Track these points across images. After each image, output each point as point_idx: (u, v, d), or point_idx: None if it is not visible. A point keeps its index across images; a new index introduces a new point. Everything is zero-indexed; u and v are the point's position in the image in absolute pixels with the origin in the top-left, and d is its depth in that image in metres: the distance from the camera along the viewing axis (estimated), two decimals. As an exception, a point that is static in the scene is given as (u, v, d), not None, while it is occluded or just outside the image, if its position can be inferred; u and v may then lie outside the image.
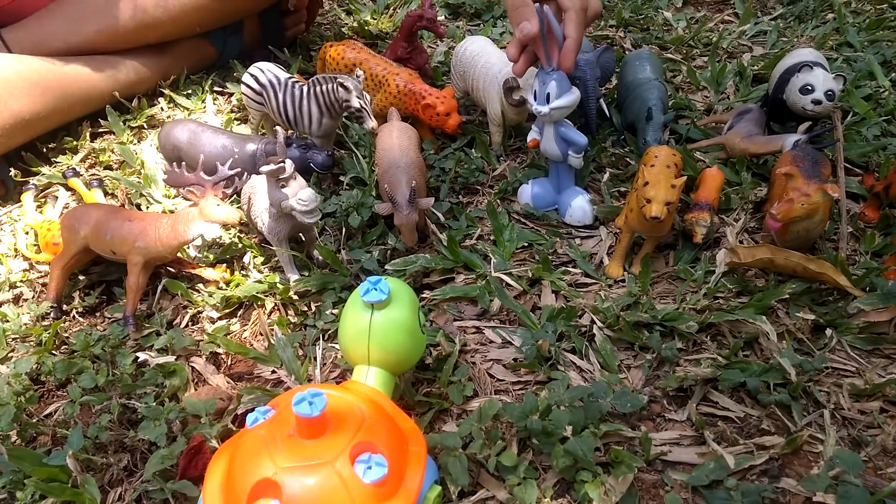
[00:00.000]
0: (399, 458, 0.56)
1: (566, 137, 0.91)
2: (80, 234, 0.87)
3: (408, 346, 0.67)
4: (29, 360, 0.81)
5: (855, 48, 1.40)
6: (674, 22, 1.55)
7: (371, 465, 0.54)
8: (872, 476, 0.67)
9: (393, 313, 0.66)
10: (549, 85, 0.86)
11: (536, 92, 0.88)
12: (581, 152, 0.92)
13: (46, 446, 0.75)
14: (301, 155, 0.98)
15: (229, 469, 0.55)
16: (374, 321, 0.65)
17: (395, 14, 1.63)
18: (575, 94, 0.88)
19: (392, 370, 0.68)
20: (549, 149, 0.93)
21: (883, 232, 0.94)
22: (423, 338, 0.70)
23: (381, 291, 0.64)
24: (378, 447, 0.55)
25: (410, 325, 0.67)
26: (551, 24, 0.82)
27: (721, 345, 0.81)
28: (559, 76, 0.86)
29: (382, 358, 0.66)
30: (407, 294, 0.68)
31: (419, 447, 0.59)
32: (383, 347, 0.65)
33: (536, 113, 0.89)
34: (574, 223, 0.97)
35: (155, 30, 1.27)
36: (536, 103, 0.88)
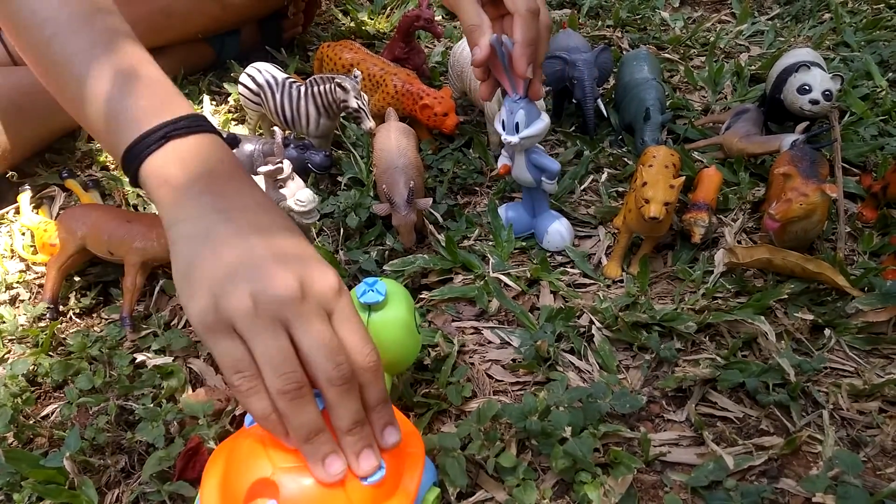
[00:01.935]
0: (397, 460, 0.56)
1: (538, 164, 0.89)
2: (77, 235, 0.87)
3: (405, 347, 0.67)
4: (26, 362, 0.81)
5: (852, 48, 1.41)
6: (671, 22, 1.56)
7: None
8: (872, 476, 0.67)
9: (390, 314, 0.66)
10: (518, 114, 0.83)
11: (504, 121, 0.85)
12: (554, 178, 0.90)
13: (43, 448, 0.74)
14: (299, 155, 0.98)
15: (227, 469, 0.55)
16: (371, 322, 0.65)
17: (392, 14, 1.63)
18: (545, 122, 0.85)
19: (389, 370, 0.67)
20: (521, 176, 0.91)
21: (881, 232, 0.94)
22: (419, 338, 0.70)
23: (377, 293, 0.64)
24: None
25: (408, 326, 0.67)
26: (509, 54, 0.79)
27: (720, 345, 0.81)
28: (526, 104, 0.83)
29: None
30: (403, 294, 0.68)
31: (417, 449, 0.58)
32: (381, 348, 0.65)
33: (506, 143, 0.86)
34: (552, 249, 0.95)
35: (157, 35, 1.27)
36: (505, 133, 0.85)
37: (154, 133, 0.56)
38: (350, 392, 0.50)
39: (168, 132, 0.56)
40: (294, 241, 0.53)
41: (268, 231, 0.53)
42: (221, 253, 0.50)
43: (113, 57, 0.59)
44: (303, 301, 0.49)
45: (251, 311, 0.47)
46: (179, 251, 0.52)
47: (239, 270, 0.49)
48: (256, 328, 0.48)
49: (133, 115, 0.57)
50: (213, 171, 0.55)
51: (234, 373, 0.49)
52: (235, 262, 0.49)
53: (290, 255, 0.51)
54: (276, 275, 0.49)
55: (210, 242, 0.51)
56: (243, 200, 0.54)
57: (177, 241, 0.52)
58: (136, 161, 0.56)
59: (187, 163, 0.55)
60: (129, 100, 0.57)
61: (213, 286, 0.48)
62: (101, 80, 0.58)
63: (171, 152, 0.55)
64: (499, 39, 0.78)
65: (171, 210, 0.53)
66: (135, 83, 0.58)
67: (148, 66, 0.61)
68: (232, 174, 0.56)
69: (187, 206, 0.53)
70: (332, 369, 0.49)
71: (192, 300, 0.49)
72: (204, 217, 0.52)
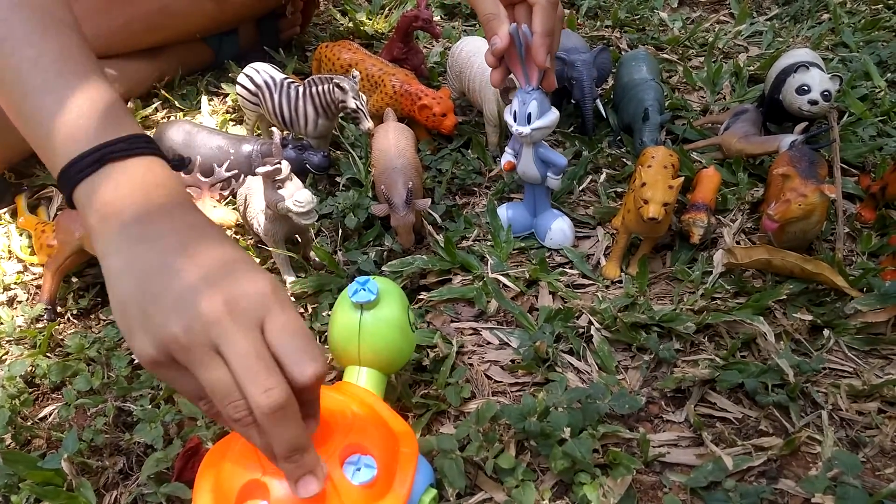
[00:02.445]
0: (390, 460, 0.56)
1: (545, 158, 0.89)
2: (75, 236, 0.86)
3: (399, 346, 0.67)
4: (23, 363, 0.81)
5: (850, 48, 1.41)
6: (670, 22, 1.55)
7: (360, 467, 0.53)
8: (871, 477, 0.67)
9: (382, 313, 0.65)
10: (530, 104, 0.83)
11: (516, 112, 0.85)
12: (560, 174, 0.90)
13: (41, 450, 0.74)
14: (297, 156, 0.98)
15: (219, 471, 0.55)
16: (363, 322, 0.65)
17: (390, 15, 1.63)
18: (554, 115, 0.85)
19: (383, 370, 0.67)
20: (527, 171, 0.91)
21: (879, 232, 0.94)
22: (413, 336, 0.69)
23: (369, 292, 0.64)
24: (368, 448, 0.55)
25: (401, 324, 0.67)
26: (529, 44, 0.79)
27: (719, 345, 0.81)
28: (539, 96, 0.83)
29: (373, 358, 0.66)
30: (396, 292, 0.68)
31: (411, 449, 0.58)
32: (374, 348, 0.65)
33: (517, 134, 0.86)
34: (554, 247, 0.95)
35: (155, 34, 1.26)
36: (517, 124, 0.85)
37: (89, 155, 0.52)
38: (282, 418, 0.46)
39: (104, 154, 0.52)
40: (221, 254, 0.50)
41: (194, 251, 0.49)
42: (149, 286, 0.48)
43: (62, 66, 0.55)
44: (228, 319, 0.46)
45: (183, 344, 0.45)
46: (111, 287, 0.49)
47: (167, 302, 0.47)
48: (193, 362, 0.46)
49: (70, 134, 0.53)
50: (146, 197, 0.52)
51: (197, 399, 0.48)
52: (163, 293, 0.47)
53: (217, 271, 0.48)
54: (202, 300, 0.46)
55: (137, 276, 0.48)
56: (172, 224, 0.51)
57: (108, 277, 0.50)
58: (69, 184, 0.52)
59: (120, 189, 0.52)
60: (68, 117, 0.54)
61: (144, 322, 0.47)
62: (42, 94, 0.54)
63: (105, 177, 0.52)
64: (518, 28, 0.78)
65: (100, 242, 0.51)
66: (79, 98, 0.54)
67: (95, 81, 0.57)
68: (166, 199, 0.52)
69: (114, 237, 0.50)
70: (259, 395, 0.45)
71: (132, 339, 0.47)
72: (129, 249, 0.49)
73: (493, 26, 0.80)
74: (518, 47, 0.80)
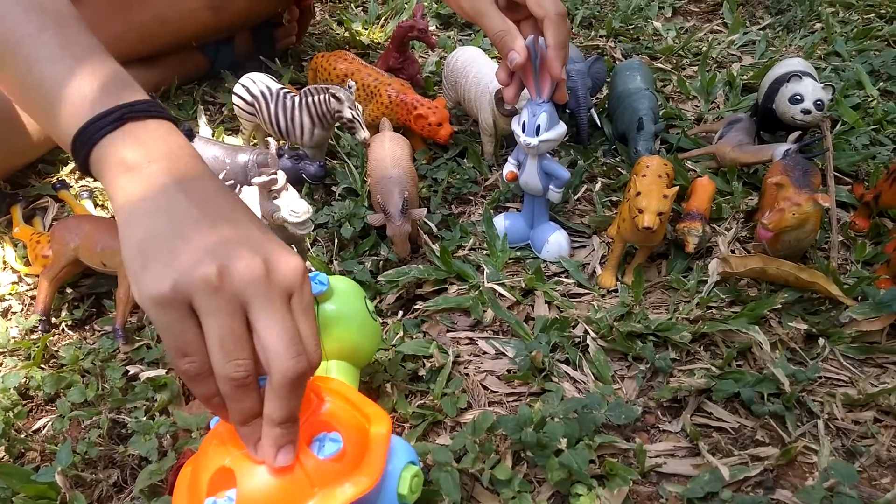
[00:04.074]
0: (360, 437, 0.54)
1: (549, 171, 0.89)
2: (70, 247, 0.86)
3: (361, 335, 0.68)
4: (17, 375, 0.80)
5: (843, 58, 1.42)
6: (663, 32, 1.56)
7: (325, 443, 0.53)
8: (867, 487, 0.67)
9: (338, 303, 0.67)
10: (540, 116, 0.84)
11: (525, 123, 0.85)
12: (562, 187, 0.90)
13: (35, 462, 0.74)
14: (293, 166, 0.98)
15: (195, 467, 0.54)
16: (321, 314, 0.66)
17: (386, 25, 1.63)
18: (563, 128, 0.86)
19: (352, 361, 0.68)
20: (530, 182, 0.91)
21: (873, 241, 0.95)
22: (376, 325, 0.71)
23: (320, 283, 0.65)
24: (333, 426, 0.54)
25: (360, 314, 0.68)
26: (544, 55, 0.80)
27: (714, 355, 0.81)
28: (549, 108, 0.84)
29: (338, 349, 0.67)
30: (348, 283, 0.70)
31: (382, 426, 0.57)
32: (336, 339, 0.66)
33: (525, 145, 0.86)
34: (551, 259, 0.95)
35: (152, 43, 1.27)
36: (525, 135, 0.86)
37: (109, 115, 0.52)
38: (299, 387, 0.48)
39: (124, 114, 0.53)
40: (258, 226, 0.52)
41: (231, 215, 0.51)
42: (184, 230, 0.48)
43: (63, 40, 0.56)
44: (268, 283, 0.47)
45: (213, 286, 0.45)
46: (133, 225, 0.49)
47: (204, 247, 0.47)
48: (216, 305, 0.46)
49: (85, 97, 0.53)
50: (173, 154, 0.52)
51: (182, 356, 0.47)
52: (200, 239, 0.47)
53: (256, 238, 0.50)
54: (243, 253, 0.47)
55: (171, 219, 0.48)
56: (204, 185, 0.52)
57: (131, 216, 0.49)
58: (87, 143, 0.52)
59: (146, 144, 0.52)
60: (81, 83, 0.54)
61: (173, 259, 0.46)
62: (50, 64, 0.55)
63: (128, 134, 0.52)
64: (535, 41, 0.79)
65: (126, 189, 0.50)
66: (87, 67, 0.55)
67: (100, 53, 0.57)
68: (192, 161, 0.53)
69: (146, 182, 0.50)
70: (290, 359, 0.46)
71: (145, 271, 0.47)
72: (164, 195, 0.50)
73: (507, 42, 0.81)
74: (533, 59, 0.80)
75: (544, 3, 0.80)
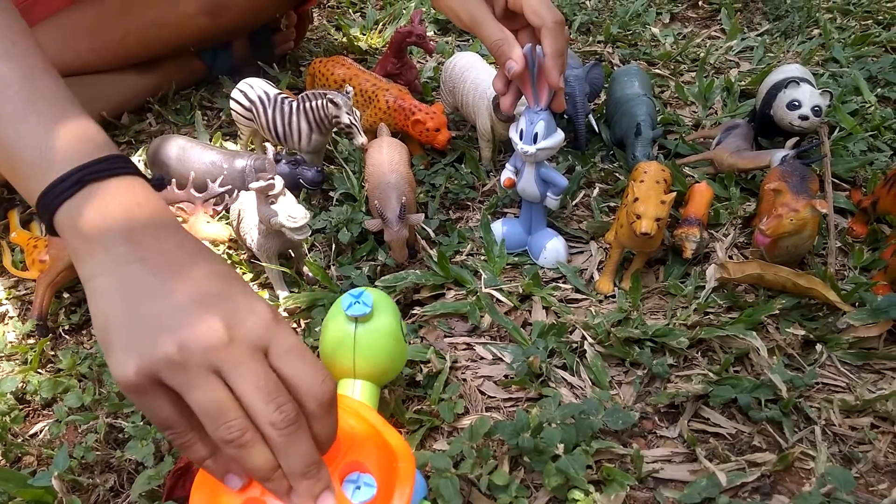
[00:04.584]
0: (387, 475, 0.55)
1: (547, 178, 0.89)
2: (67, 251, 0.86)
3: (393, 357, 0.67)
4: (14, 379, 0.80)
5: (841, 64, 1.42)
6: (661, 38, 1.57)
7: (360, 486, 0.53)
8: (864, 493, 0.67)
9: (377, 324, 0.65)
10: (538, 124, 0.84)
11: (523, 131, 0.86)
12: (560, 194, 0.90)
13: (32, 467, 0.74)
14: (291, 171, 0.98)
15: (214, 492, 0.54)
16: (358, 334, 0.64)
17: (384, 30, 1.64)
18: (560, 136, 0.86)
19: (377, 381, 0.67)
20: (527, 189, 0.91)
21: (871, 247, 0.95)
22: (406, 347, 0.70)
23: (364, 304, 0.64)
24: (366, 466, 0.54)
25: (395, 335, 0.67)
26: (542, 64, 0.80)
27: (712, 360, 0.81)
28: (547, 116, 0.84)
29: (368, 370, 0.66)
30: (388, 304, 0.68)
31: (408, 464, 0.58)
32: (369, 360, 0.65)
33: (522, 153, 0.86)
34: (548, 265, 0.95)
35: (149, 48, 1.27)
36: (522, 142, 0.86)
37: (67, 178, 0.51)
38: (297, 433, 0.46)
39: (83, 177, 0.51)
40: (217, 277, 0.50)
41: (187, 273, 0.49)
42: (138, 305, 0.47)
43: (28, 96, 0.54)
44: (231, 344, 0.46)
45: (176, 363, 0.44)
46: (96, 308, 0.48)
47: (159, 321, 0.46)
48: (187, 381, 0.45)
49: (45, 159, 0.52)
50: (130, 217, 0.51)
51: (165, 429, 0.47)
52: (154, 313, 0.46)
53: (214, 295, 0.48)
54: (200, 321, 0.46)
55: (126, 296, 0.47)
56: (161, 245, 0.50)
57: (92, 298, 0.49)
58: (48, 210, 0.51)
59: (103, 209, 0.50)
60: (41, 143, 0.52)
61: (132, 340, 0.46)
62: (12, 123, 0.53)
63: (86, 198, 0.51)
64: (532, 49, 0.79)
65: (87, 263, 0.49)
66: (49, 125, 0.53)
67: (65, 104, 0.56)
68: (151, 219, 0.51)
69: (101, 259, 0.49)
70: (273, 412, 0.45)
71: (110, 357, 0.46)
72: (118, 270, 0.48)
73: (505, 51, 0.81)
74: (531, 67, 0.81)
75: (541, 12, 0.80)
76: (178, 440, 0.48)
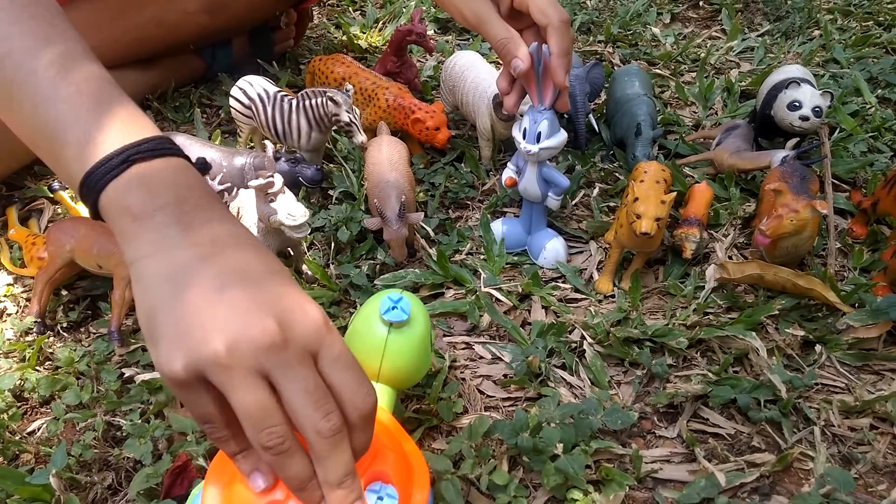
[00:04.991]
0: (406, 484, 0.55)
1: (549, 178, 0.89)
2: (65, 248, 0.86)
3: (419, 366, 0.66)
4: (12, 377, 0.80)
5: (841, 64, 1.42)
6: (662, 38, 1.56)
7: (382, 497, 0.52)
8: (863, 494, 0.67)
9: (410, 333, 0.64)
10: (541, 124, 0.84)
11: (526, 130, 0.85)
12: (561, 194, 0.90)
13: (29, 465, 0.73)
14: (290, 169, 0.97)
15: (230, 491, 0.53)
16: (390, 340, 0.63)
17: (384, 28, 1.63)
18: (563, 136, 0.86)
19: (398, 387, 0.67)
20: (529, 189, 0.91)
21: (871, 248, 0.95)
22: (431, 357, 0.69)
23: (402, 311, 0.62)
24: (388, 475, 0.54)
25: (424, 346, 0.65)
26: (547, 63, 0.80)
27: (711, 361, 0.81)
28: (551, 115, 0.84)
29: (392, 376, 0.64)
30: (423, 313, 0.66)
31: (423, 472, 0.57)
32: (396, 366, 0.64)
33: (525, 152, 0.86)
34: (548, 266, 0.95)
35: (148, 46, 1.26)
36: (525, 142, 0.86)
37: (114, 157, 0.50)
38: (341, 442, 0.46)
39: (130, 156, 0.50)
40: (271, 276, 0.48)
41: (241, 269, 0.48)
42: (190, 297, 0.45)
43: (69, 78, 0.53)
44: (284, 347, 0.45)
45: (225, 362, 0.43)
46: (143, 291, 0.47)
47: (210, 316, 0.45)
48: (232, 381, 0.44)
49: (90, 139, 0.51)
50: (180, 198, 0.50)
51: (203, 423, 0.47)
52: (206, 307, 0.45)
53: (268, 294, 0.47)
54: (253, 320, 0.44)
55: (177, 283, 0.46)
56: (214, 232, 0.49)
57: (140, 280, 0.47)
58: (94, 189, 0.50)
59: (152, 189, 0.49)
60: (85, 123, 0.52)
61: (181, 334, 0.45)
62: (54, 104, 0.52)
63: (133, 178, 0.50)
64: (538, 49, 0.79)
65: (134, 244, 0.48)
66: (92, 105, 0.53)
67: (107, 86, 0.55)
68: (202, 202, 0.51)
69: (152, 239, 0.48)
70: (321, 420, 0.45)
71: (157, 348, 0.45)
72: (170, 253, 0.47)
73: (510, 49, 0.81)
74: (536, 66, 0.80)
75: (548, 11, 0.80)
76: (214, 434, 0.47)
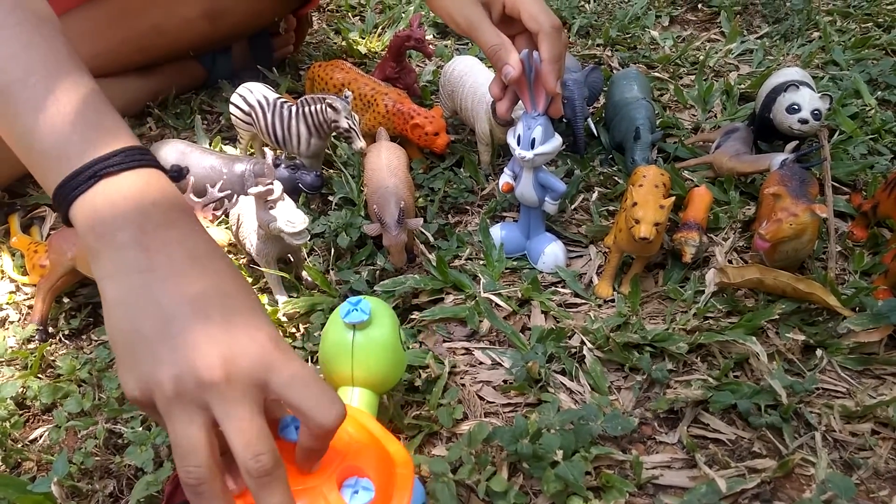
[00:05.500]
0: (386, 482, 0.55)
1: (545, 183, 0.89)
2: (67, 256, 0.86)
3: (391, 365, 0.67)
4: (14, 385, 0.80)
5: (841, 67, 1.42)
6: (660, 41, 1.56)
7: (358, 490, 0.53)
8: (865, 499, 0.66)
9: (375, 333, 0.65)
10: (535, 130, 0.84)
11: (521, 136, 0.86)
12: (558, 199, 0.90)
13: (31, 472, 0.74)
14: (290, 175, 0.98)
15: None
16: (356, 342, 0.65)
17: (383, 34, 1.64)
18: (558, 141, 0.86)
19: (376, 389, 0.67)
20: (525, 194, 0.91)
21: (871, 251, 0.94)
22: (405, 355, 0.70)
23: (362, 312, 0.64)
24: (364, 471, 0.54)
25: (393, 344, 0.67)
26: (539, 70, 0.80)
27: (711, 366, 0.81)
28: (545, 121, 0.84)
29: (366, 378, 0.66)
30: (387, 312, 0.68)
31: (406, 470, 0.58)
32: (367, 367, 0.65)
33: (520, 158, 0.86)
34: (547, 270, 0.95)
35: (149, 53, 1.27)
36: (520, 148, 0.86)
37: (83, 172, 0.50)
38: (272, 484, 0.46)
39: (98, 171, 0.50)
40: (223, 301, 0.49)
41: (193, 296, 0.48)
42: (142, 323, 0.47)
43: (50, 86, 0.53)
44: (226, 383, 0.45)
45: (168, 395, 0.45)
46: (105, 314, 0.49)
47: (159, 345, 0.46)
48: (170, 414, 0.45)
49: (63, 151, 0.51)
50: (144, 214, 0.50)
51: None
52: (157, 338, 0.46)
53: (216, 326, 0.47)
54: (197, 356, 0.45)
55: (130, 309, 0.47)
56: (172, 256, 0.49)
57: (103, 301, 0.49)
58: (64, 203, 0.51)
59: (116, 206, 0.50)
60: (60, 134, 0.52)
61: (134, 362, 0.46)
62: (34, 113, 0.52)
63: (100, 193, 0.50)
64: (529, 55, 0.79)
65: (98, 262, 0.49)
66: (70, 116, 0.53)
67: (88, 94, 0.55)
68: (164, 219, 0.51)
69: (111, 261, 0.49)
70: (249, 460, 0.45)
71: (119, 372, 0.48)
72: (127, 276, 0.48)
73: (502, 56, 0.81)
74: (528, 72, 0.80)
75: (539, 18, 0.80)
76: None
